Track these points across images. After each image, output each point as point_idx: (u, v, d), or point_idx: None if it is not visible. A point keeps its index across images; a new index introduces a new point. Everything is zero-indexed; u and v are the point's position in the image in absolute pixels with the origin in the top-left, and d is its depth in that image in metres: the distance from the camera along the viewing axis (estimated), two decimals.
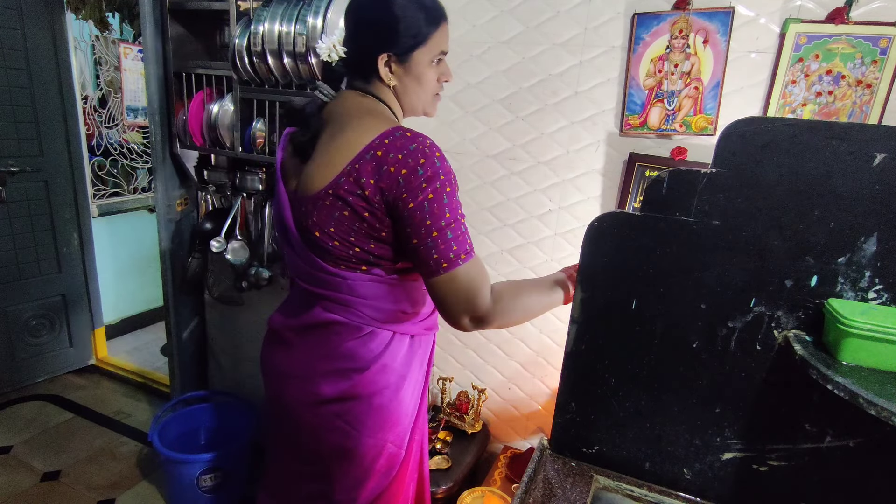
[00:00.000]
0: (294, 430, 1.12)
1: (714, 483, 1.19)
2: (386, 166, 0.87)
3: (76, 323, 2.87)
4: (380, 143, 0.89)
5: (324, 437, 1.06)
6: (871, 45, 1.33)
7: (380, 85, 0.99)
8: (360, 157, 0.89)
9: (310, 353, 1.06)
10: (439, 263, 0.89)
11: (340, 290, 0.99)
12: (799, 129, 0.99)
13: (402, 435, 1.11)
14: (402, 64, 0.97)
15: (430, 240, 0.88)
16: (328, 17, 1.54)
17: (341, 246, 0.94)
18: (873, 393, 0.82)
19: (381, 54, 0.95)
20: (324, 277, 0.99)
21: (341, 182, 0.90)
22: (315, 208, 0.94)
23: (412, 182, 0.86)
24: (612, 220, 1.15)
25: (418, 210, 0.87)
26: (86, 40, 2.87)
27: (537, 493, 1.19)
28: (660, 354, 1.18)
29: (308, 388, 1.05)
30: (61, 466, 2.18)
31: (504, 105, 1.75)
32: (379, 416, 1.05)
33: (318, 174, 0.94)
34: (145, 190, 3.26)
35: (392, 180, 0.87)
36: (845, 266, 1.01)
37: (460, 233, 0.91)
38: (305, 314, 1.06)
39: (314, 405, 1.05)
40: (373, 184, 0.88)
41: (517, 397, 1.97)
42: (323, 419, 1.05)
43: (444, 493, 1.64)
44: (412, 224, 0.88)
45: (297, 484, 1.16)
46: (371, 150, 0.88)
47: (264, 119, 1.80)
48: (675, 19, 1.48)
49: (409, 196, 0.86)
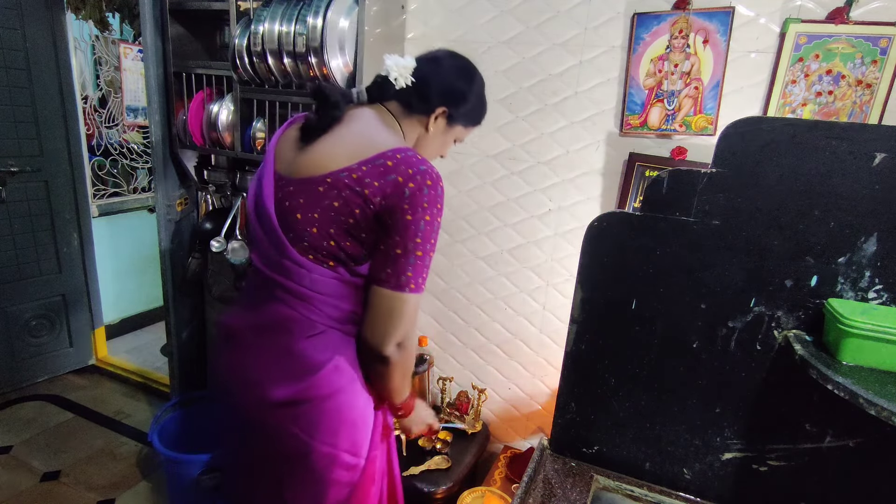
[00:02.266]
0: (248, 435, 1.09)
1: (714, 483, 1.19)
2: (394, 175, 0.91)
3: (76, 323, 2.87)
4: (392, 155, 0.93)
5: (277, 443, 1.04)
6: (871, 45, 1.33)
7: (412, 120, 1.08)
8: (370, 162, 0.93)
9: (262, 353, 1.04)
10: (408, 280, 0.93)
11: (302, 282, 0.98)
12: (799, 129, 0.99)
13: (357, 444, 1.07)
14: (446, 124, 1.09)
15: (413, 256, 0.93)
16: (328, 17, 1.54)
17: (318, 235, 0.95)
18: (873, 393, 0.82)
19: (442, 107, 1.06)
20: (289, 266, 0.98)
21: (342, 176, 0.93)
22: (305, 192, 0.96)
23: (416, 198, 0.91)
24: (612, 220, 1.15)
25: (413, 225, 0.91)
26: (86, 40, 2.87)
27: (537, 493, 1.19)
28: (660, 354, 1.18)
29: (261, 392, 1.02)
30: (61, 466, 2.18)
31: (504, 105, 1.75)
32: (332, 421, 1.03)
33: (321, 161, 0.96)
34: (145, 190, 3.26)
35: (398, 189, 0.90)
36: (845, 266, 1.01)
37: (427, 265, 0.96)
38: (261, 310, 1.04)
39: (267, 409, 1.02)
40: (377, 186, 0.91)
41: (517, 397, 1.97)
42: (276, 424, 1.02)
43: (444, 493, 1.64)
44: (404, 234, 0.91)
45: (252, 494, 1.13)
46: (382, 159, 0.93)
47: (264, 119, 1.80)
48: (675, 19, 1.48)
49: (410, 209, 0.90)
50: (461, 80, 1.07)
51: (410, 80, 1.04)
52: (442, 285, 1.99)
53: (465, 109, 1.09)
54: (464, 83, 1.07)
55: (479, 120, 1.16)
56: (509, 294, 1.89)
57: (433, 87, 1.05)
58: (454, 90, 1.06)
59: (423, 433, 1.27)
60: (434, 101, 1.05)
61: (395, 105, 1.07)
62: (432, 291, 2.01)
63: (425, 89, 1.05)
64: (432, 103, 1.05)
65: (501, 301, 1.91)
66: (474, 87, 1.09)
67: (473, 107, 1.10)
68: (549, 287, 1.82)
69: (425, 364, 1.96)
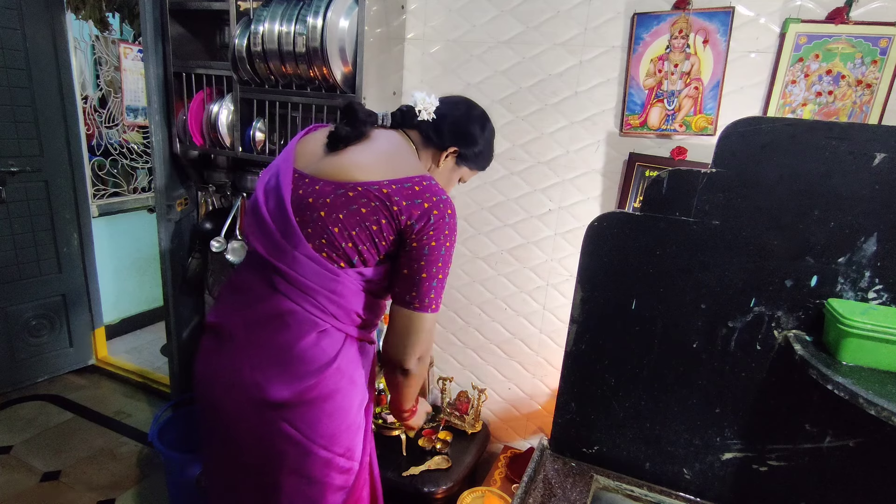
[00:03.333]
0: (236, 442, 1.07)
1: (714, 483, 1.19)
2: (421, 200, 0.98)
3: (76, 323, 2.87)
4: (420, 180, 1.01)
5: (271, 446, 1.02)
6: (871, 45, 1.33)
7: (428, 152, 1.16)
8: (398, 182, 1.00)
9: (258, 351, 1.02)
10: (430, 301, 1.02)
11: (309, 276, 1.00)
12: (799, 129, 0.99)
13: (352, 447, 1.09)
14: (454, 162, 1.19)
15: (436, 280, 1.01)
16: (328, 17, 1.54)
17: (339, 234, 0.99)
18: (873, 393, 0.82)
19: (454, 147, 1.15)
20: (300, 259, 0.99)
21: (373, 188, 0.99)
22: (332, 194, 1.00)
23: (440, 225, 0.99)
24: (612, 220, 1.16)
25: (436, 251, 0.99)
26: (86, 40, 2.86)
27: (537, 493, 1.19)
28: (660, 354, 1.18)
29: (256, 393, 1.00)
30: (61, 466, 2.18)
31: (504, 105, 1.75)
32: (330, 423, 1.03)
33: (350, 169, 1.02)
34: (145, 190, 3.26)
35: (425, 214, 0.98)
36: (845, 266, 1.01)
37: (445, 284, 1.05)
38: (258, 305, 1.04)
39: (261, 409, 1.01)
40: (405, 206, 0.98)
41: (517, 397, 1.97)
42: (271, 426, 1.01)
43: (444, 493, 1.64)
44: (428, 258, 0.99)
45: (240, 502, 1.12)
46: (410, 183, 1.00)
47: (264, 119, 1.80)
48: (675, 19, 1.48)
49: (435, 234, 0.98)
50: (475, 126, 1.17)
51: (432, 115, 1.14)
52: None
53: (473, 153, 1.18)
54: (477, 129, 1.17)
55: (484, 166, 1.25)
56: (509, 294, 1.89)
57: (450, 126, 1.14)
58: (467, 134, 1.16)
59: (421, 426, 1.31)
60: (448, 139, 1.14)
61: (416, 134, 1.16)
62: None
63: (443, 127, 1.14)
64: (446, 141, 1.14)
65: (501, 301, 1.91)
66: (485, 135, 1.19)
67: (481, 152, 1.20)
68: (549, 287, 1.82)
69: None
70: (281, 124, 1.80)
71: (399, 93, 1.85)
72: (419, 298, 1.01)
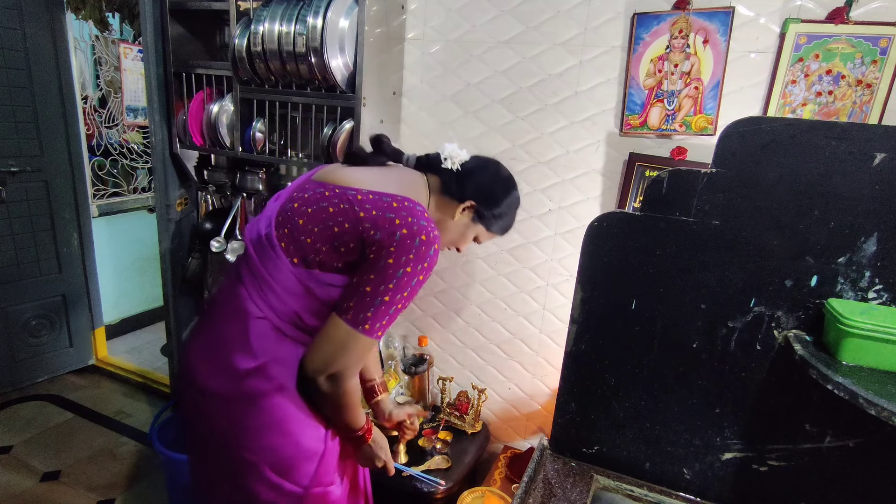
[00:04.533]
0: (191, 435, 1.08)
1: (714, 483, 1.19)
2: (394, 216, 0.94)
3: (76, 323, 2.87)
4: (403, 200, 0.98)
5: (207, 441, 1.04)
6: (871, 45, 1.33)
7: (444, 200, 1.13)
8: (379, 195, 0.98)
9: (206, 338, 1.05)
10: (365, 319, 0.94)
11: (262, 259, 1.00)
12: (799, 129, 0.99)
13: (290, 467, 1.04)
14: (471, 219, 1.15)
15: (380, 299, 0.93)
16: (328, 17, 1.54)
17: (301, 227, 0.98)
18: (873, 393, 0.82)
19: (473, 202, 1.12)
20: (264, 244, 1.00)
21: (350, 193, 0.98)
22: (313, 190, 1.02)
23: (405, 247, 0.93)
24: (612, 220, 1.16)
25: (391, 269, 0.93)
26: (86, 40, 2.86)
27: (537, 493, 1.19)
28: (660, 354, 1.18)
29: (194, 378, 1.03)
30: (61, 466, 2.18)
31: (504, 105, 1.75)
32: (257, 425, 1.00)
33: (344, 177, 1.03)
34: (145, 190, 3.26)
35: (391, 229, 0.93)
36: (845, 266, 1.01)
37: (392, 314, 0.96)
38: (224, 287, 1.08)
39: (199, 397, 1.03)
40: (373, 215, 0.94)
41: (517, 397, 1.97)
42: (208, 417, 1.03)
43: (444, 493, 1.64)
44: (379, 275, 0.93)
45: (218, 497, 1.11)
46: (390, 199, 0.98)
47: (264, 119, 1.80)
48: (675, 19, 1.48)
49: (395, 253, 0.92)
50: (500, 187, 1.15)
51: (458, 167, 1.13)
52: (442, 285, 1.99)
53: (492, 213, 1.15)
54: (501, 191, 1.15)
55: (503, 230, 1.21)
56: (509, 294, 1.89)
57: (474, 180, 1.12)
58: (491, 192, 1.14)
59: (375, 467, 1.21)
60: (469, 193, 1.12)
61: (436, 180, 1.14)
62: (432, 291, 2.01)
63: (467, 180, 1.12)
64: (466, 194, 1.12)
65: (501, 301, 1.91)
66: (508, 199, 1.16)
67: (501, 214, 1.17)
68: (549, 287, 1.82)
69: (425, 364, 1.96)
70: (281, 124, 1.80)
71: (399, 93, 1.85)
72: (354, 310, 0.94)
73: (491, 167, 1.17)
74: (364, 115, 1.64)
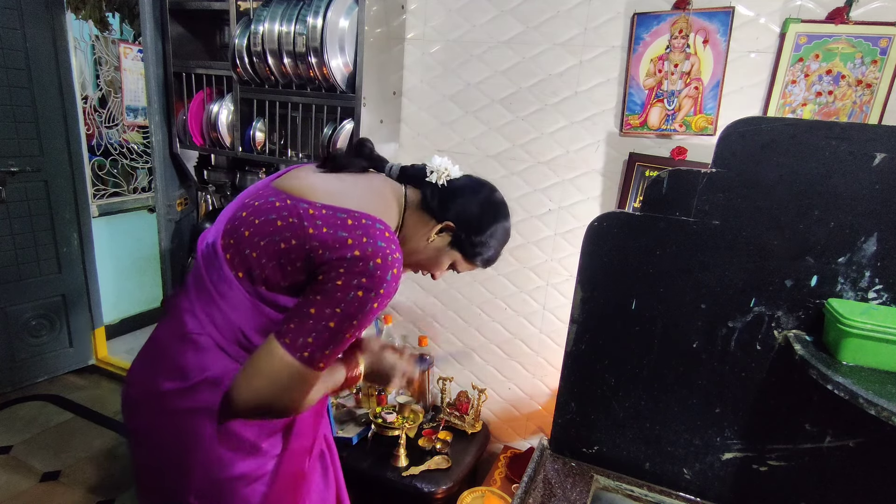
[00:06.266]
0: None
1: (714, 483, 1.19)
2: (347, 235, 0.83)
3: (76, 323, 2.87)
4: (360, 217, 0.86)
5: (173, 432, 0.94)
6: (871, 45, 1.33)
7: (420, 216, 1.01)
8: (335, 210, 0.87)
9: (148, 345, 1.00)
10: (305, 345, 0.81)
11: (207, 269, 0.92)
12: (799, 129, 0.99)
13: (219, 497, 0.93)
14: (448, 242, 1.02)
15: (325, 323, 0.81)
16: (328, 16, 1.55)
17: (246, 239, 0.88)
18: (873, 393, 0.82)
19: (452, 223, 0.99)
20: (209, 253, 0.93)
21: (301, 205, 0.87)
22: (265, 199, 0.91)
23: (355, 269, 0.82)
24: (612, 220, 1.15)
25: (339, 291, 0.81)
26: (86, 40, 2.86)
27: (537, 493, 1.19)
28: (660, 354, 1.18)
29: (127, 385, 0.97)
30: (61, 466, 2.18)
31: (504, 105, 1.75)
32: (182, 445, 0.91)
33: (302, 186, 0.92)
34: (145, 190, 3.26)
35: (343, 251, 0.82)
36: (845, 266, 1.01)
37: (336, 345, 0.84)
38: (177, 294, 1.01)
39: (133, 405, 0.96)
40: (323, 232, 0.84)
41: (517, 397, 1.97)
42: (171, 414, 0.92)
43: (444, 493, 1.64)
44: (327, 297, 0.82)
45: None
46: (346, 215, 0.86)
47: (264, 119, 1.80)
48: (675, 19, 1.48)
49: (345, 276, 0.82)
50: (487, 213, 1.02)
51: (444, 182, 1.00)
52: (442, 285, 1.99)
53: (472, 241, 1.01)
54: (487, 217, 1.02)
55: (484, 262, 1.07)
56: (509, 294, 1.89)
57: (459, 200, 1.00)
58: (474, 216, 1.00)
59: (402, 385, 1.12)
60: (449, 213, 0.99)
61: (415, 193, 1.02)
62: (432, 291, 2.01)
63: (451, 198, 1.00)
64: (447, 214, 0.99)
65: (501, 301, 1.91)
66: (493, 228, 1.02)
67: (483, 244, 1.02)
68: (549, 287, 1.82)
69: (426, 363, 1.96)
70: (281, 124, 1.80)
71: (399, 93, 1.85)
72: (294, 333, 0.81)
73: (482, 190, 1.03)
74: (364, 115, 1.64)
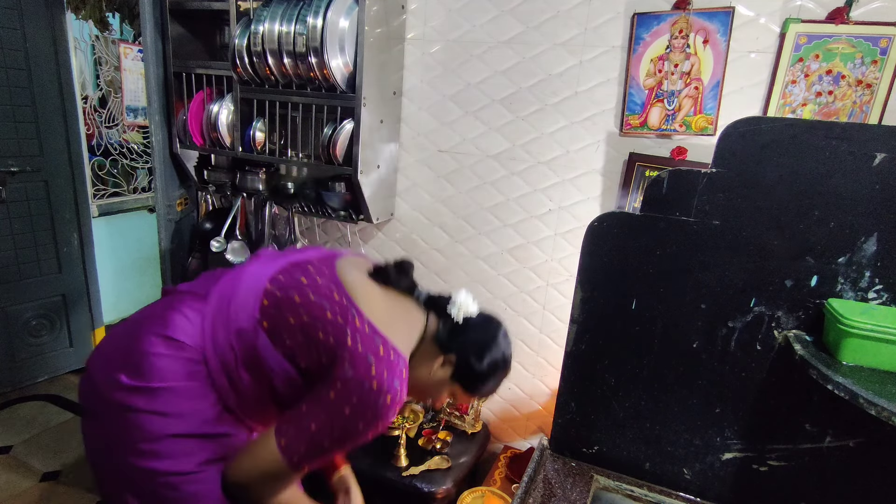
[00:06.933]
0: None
1: (714, 483, 1.19)
2: (373, 362, 0.89)
3: (76, 323, 2.86)
4: (388, 350, 0.92)
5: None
6: (871, 45, 1.33)
7: (431, 346, 1.05)
8: (374, 334, 0.93)
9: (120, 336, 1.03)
10: (291, 447, 0.88)
11: (240, 297, 0.97)
12: (799, 129, 0.99)
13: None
14: (449, 374, 1.06)
15: (320, 439, 0.88)
16: (328, 16, 1.54)
17: (296, 304, 0.95)
18: (873, 393, 0.82)
19: (454, 356, 1.04)
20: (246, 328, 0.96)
21: (349, 313, 0.93)
22: (326, 286, 0.97)
23: (367, 401, 0.88)
24: (612, 220, 1.16)
25: (346, 421, 0.88)
26: (86, 40, 2.86)
27: (537, 493, 1.19)
28: (660, 354, 1.18)
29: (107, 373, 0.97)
30: (61, 466, 2.18)
31: (504, 105, 1.75)
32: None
33: (359, 292, 0.99)
34: (145, 190, 3.26)
35: (362, 374, 0.88)
36: (845, 266, 1.01)
37: (324, 458, 0.92)
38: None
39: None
40: (358, 351, 0.89)
41: (517, 397, 1.97)
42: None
43: (443, 493, 1.64)
44: (330, 416, 0.88)
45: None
46: (383, 343, 0.92)
47: (264, 119, 1.80)
48: (675, 19, 1.48)
49: (356, 404, 0.88)
50: (490, 348, 1.05)
51: (460, 319, 1.06)
52: (442, 285, 1.99)
53: (472, 372, 1.05)
54: (490, 352, 1.05)
55: (483, 394, 1.12)
56: (509, 294, 1.89)
57: (466, 335, 1.05)
58: (476, 351, 1.04)
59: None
60: (454, 348, 1.04)
61: (434, 324, 1.08)
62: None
63: (460, 332, 1.05)
64: (452, 348, 1.04)
65: (501, 301, 1.91)
66: (493, 361, 1.06)
67: (482, 376, 1.06)
68: (549, 287, 1.82)
69: None
70: (281, 124, 1.80)
71: (399, 93, 1.85)
72: (290, 438, 0.89)
73: (489, 328, 1.08)
74: (364, 115, 1.64)
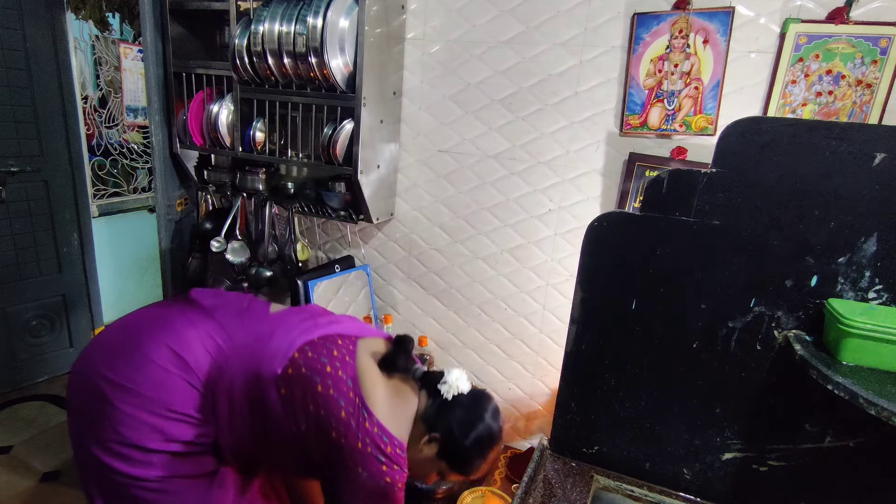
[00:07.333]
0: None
1: (714, 483, 1.19)
2: (384, 461, 0.97)
3: (76, 323, 2.86)
4: (395, 447, 0.99)
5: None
6: (871, 45, 1.33)
7: (417, 427, 1.08)
8: (382, 434, 0.98)
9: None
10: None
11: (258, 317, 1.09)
12: (799, 129, 0.99)
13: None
14: (435, 452, 1.08)
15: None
16: (328, 16, 1.54)
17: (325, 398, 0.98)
18: (873, 393, 0.82)
19: (438, 434, 1.06)
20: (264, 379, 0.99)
21: (357, 401, 0.98)
22: (343, 367, 1.01)
23: (378, 490, 0.98)
24: (612, 220, 1.16)
25: (351, 475, 0.97)
26: (86, 40, 2.86)
27: (537, 493, 1.19)
28: (660, 354, 1.18)
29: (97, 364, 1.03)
30: (61, 466, 2.18)
31: (504, 105, 1.75)
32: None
33: (371, 390, 1.02)
34: (145, 190, 3.26)
35: (377, 474, 0.97)
36: (845, 266, 1.01)
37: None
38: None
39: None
40: (367, 452, 0.96)
41: (517, 397, 1.97)
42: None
43: (444, 493, 1.64)
44: (333, 462, 0.98)
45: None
46: (391, 442, 0.98)
47: (264, 119, 1.80)
48: (675, 19, 1.48)
49: (350, 467, 0.96)
50: (476, 427, 1.06)
51: (451, 396, 1.07)
52: (442, 285, 1.99)
53: (455, 448, 1.06)
54: (475, 431, 1.06)
55: (469, 472, 1.12)
56: (509, 294, 1.89)
57: (453, 414, 1.06)
58: (462, 429, 1.06)
59: None
60: (440, 426, 1.06)
61: (426, 399, 1.10)
62: (432, 291, 2.01)
63: (447, 410, 1.07)
64: (437, 425, 1.06)
65: (501, 301, 1.91)
66: (478, 438, 1.06)
67: (467, 455, 1.07)
68: (549, 287, 1.82)
69: (425, 364, 1.96)
70: (281, 124, 1.80)
71: (399, 93, 1.85)
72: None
73: (477, 405, 1.08)
74: (364, 115, 1.64)
